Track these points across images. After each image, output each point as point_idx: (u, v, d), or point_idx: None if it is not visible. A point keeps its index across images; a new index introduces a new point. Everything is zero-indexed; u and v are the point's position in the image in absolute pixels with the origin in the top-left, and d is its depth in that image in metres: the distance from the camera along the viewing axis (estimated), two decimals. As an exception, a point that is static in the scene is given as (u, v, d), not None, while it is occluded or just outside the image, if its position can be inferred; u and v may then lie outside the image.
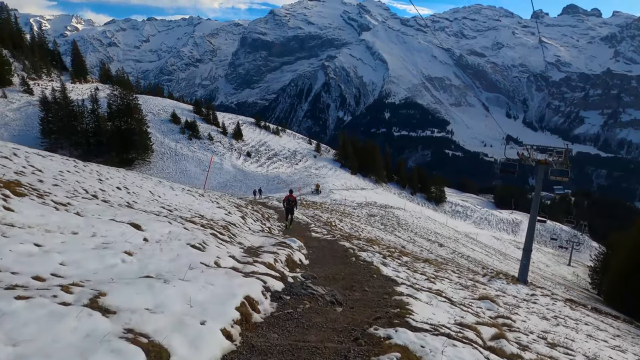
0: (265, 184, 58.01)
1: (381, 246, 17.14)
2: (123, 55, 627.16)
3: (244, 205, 22.86)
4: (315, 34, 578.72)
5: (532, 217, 20.44)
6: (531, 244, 19.61)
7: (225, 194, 30.61)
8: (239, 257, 7.74)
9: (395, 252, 15.75)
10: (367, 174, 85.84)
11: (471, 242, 46.64)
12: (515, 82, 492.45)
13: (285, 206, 17.82)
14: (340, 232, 20.60)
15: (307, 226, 19.62)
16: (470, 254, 33.44)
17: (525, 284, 17.36)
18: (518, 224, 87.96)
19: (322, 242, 14.10)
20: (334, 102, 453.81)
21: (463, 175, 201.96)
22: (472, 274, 15.79)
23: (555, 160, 18.76)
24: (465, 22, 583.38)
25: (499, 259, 38.19)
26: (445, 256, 25.60)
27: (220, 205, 18.01)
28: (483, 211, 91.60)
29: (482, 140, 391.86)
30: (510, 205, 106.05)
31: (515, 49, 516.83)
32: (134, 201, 11.99)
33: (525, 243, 20.05)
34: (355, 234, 22.23)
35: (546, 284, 26.11)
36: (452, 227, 58.71)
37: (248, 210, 20.25)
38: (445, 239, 39.67)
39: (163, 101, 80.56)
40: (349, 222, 28.87)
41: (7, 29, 72.42)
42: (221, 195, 28.12)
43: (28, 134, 51.61)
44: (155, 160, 57.63)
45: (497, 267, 29.62)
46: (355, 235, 20.28)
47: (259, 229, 15.62)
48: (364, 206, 50.98)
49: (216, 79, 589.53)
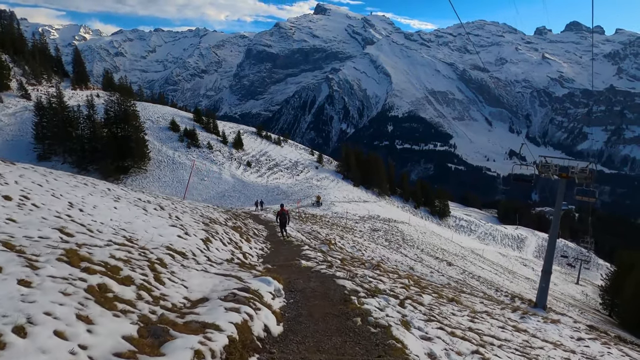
0: (264, 195, 56.68)
1: (391, 276, 13.13)
2: (129, 65, 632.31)
3: (222, 221, 17.95)
4: (320, 46, 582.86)
5: (552, 236, 18.75)
6: (551, 265, 18.07)
7: (208, 205, 27.17)
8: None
9: (410, 285, 11.99)
10: (370, 187, 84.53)
11: (478, 259, 45.16)
12: (519, 97, 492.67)
13: (279, 221, 17.80)
14: (341, 253, 17.62)
15: (299, 248, 15.35)
16: (480, 273, 31.98)
17: (544, 309, 16.02)
18: (523, 239, 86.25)
19: (314, 278, 9.81)
20: (337, 114, 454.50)
21: (466, 189, 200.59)
22: (496, 304, 14.07)
23: (579, 175, 17.43)
24: (468, 37, 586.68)
25: (508, 278, 36.74)
26: (456, 277, 24.18)
27: (180, 224, 12.72)
28: (487, 226, 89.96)
29: (485, 155, 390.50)
30: (514, 220, 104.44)
31: (519, 64, 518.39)
32: (12, 220, 7.55)
33: (544, 264, 18.37)
34: (358, 255, 20.26)
35: (558, 306, 24.68)
36: (457, 243, 57.19)
37: (222, 229, 15.00)
38: (452, 256, 38.22)
39: (162, 108, 79.76)
40: (350, 239, 27.18)
41: (9, 34, 72.47)
42: (204, 207, 23.00)
43: (22, 139, 50.78)
44: (152, 168, 56.42)
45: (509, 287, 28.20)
46: (358, 258, 16.76)
47: (227, 257, 11.17)
48: (367, 220, 49.56)
49: (221, 90, 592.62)
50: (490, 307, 11.79)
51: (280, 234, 18.75)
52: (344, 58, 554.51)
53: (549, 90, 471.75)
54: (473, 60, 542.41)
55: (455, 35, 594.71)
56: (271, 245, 16.44)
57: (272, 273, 9.20)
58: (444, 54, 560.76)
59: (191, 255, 9.46)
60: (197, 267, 8.59)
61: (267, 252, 14.22)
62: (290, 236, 18.92)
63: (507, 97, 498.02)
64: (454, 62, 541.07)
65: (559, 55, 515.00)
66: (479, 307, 11.61)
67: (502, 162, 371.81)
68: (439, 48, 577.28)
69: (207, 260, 9.68)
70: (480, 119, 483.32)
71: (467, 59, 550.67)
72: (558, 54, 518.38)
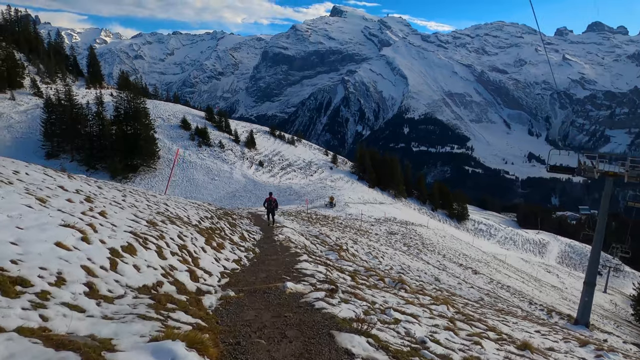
0: (276, 195, 54.93)
1: (422, 300, 9.04)
2: (148, 68, 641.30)
3: (194, 220, 13.33)
4: (336, 48, 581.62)
5: (596, 243, 15.99)
6: (595, 276, 15.60)
7: (196, 202, 21.32)
8: None
9: (454, 318, 7.65)
10: (386, 188, 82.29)
11: (502, 266, 42.65)
12: (538, 99, 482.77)
13: (266, 207, 19.23)
14: (353, 262, 14.16)
15: (295, 257, 11.09)
16: (507, 282, 29.62)
17: (587, 327, 13.89)
18: (545, 244, 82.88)
19: (294, 326, 5.19)
20: (353, 116, 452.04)
21: (483, 192, 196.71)
22: (552, 332, 11.22)
23: (631, 173, 15.10)
24: (487, 38, 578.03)
25: (535, 287, 34.28)
26: (485, 288, 21.98)
27: (89, 223, 7.03)
28: (507, 230, 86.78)
29: (503, 158, 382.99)
30: (533, 224, 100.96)
31: (538, 66, 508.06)
32: None
33: (587, 275, 15.89)
34: (374, 264, 17.65)
35: (593, 318, 22.30)
36: (477, 248, 54.63)
37: (177, 232, 9.70)
38: (475, 262, 35.83)
39: (174, 107, 78.95)
40: (365, 244, 24.56)
41: (25, 34, 73.00)
42: (179, 203, 16.73)
43: (31, 136, 50.23)
44: (162, 167, 55.33)
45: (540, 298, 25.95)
46: (374, 270, 12.59)
47: (150, 281, 6.33)
48: (383, 222, 47.42)
49: (237, 92, 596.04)
50: (550, 338, 9.33)
51: (267, 220, 20.00)
52: (360, 60, 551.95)
53: (569, 92, 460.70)
54: (491, 62, 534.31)
55: (472, 37, 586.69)
56: (258, 252, 12.28)
57: (201, 332, 4.14)
58: (461, 56, 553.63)
59: (50, 282, 4.60)
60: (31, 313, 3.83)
61: (244, 265, 9.99)
62: (289, 239, 15.71)
63: (526, 99, 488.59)
64: (471, 64, 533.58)
65: (580, 56, 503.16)
66: (538, 340, 8.94)
67: (521, 165, 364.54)
68: (456, 49, 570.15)
69: (88, 292, 4.81)
70: (499, 121, 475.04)
71: (485, 60, 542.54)
72: (579, 55, 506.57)
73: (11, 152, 44.67)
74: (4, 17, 75.15)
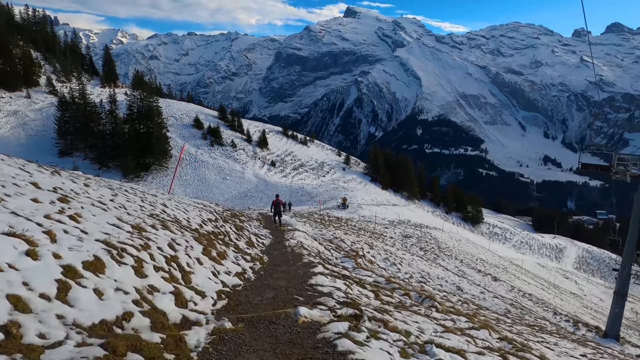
0: (288, 196, 54.48)
1: (461, 324, 7.80)
2: (163, 68, 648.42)
3: (194, 224, 11.40)
4: (349, 49, 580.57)
5: (628, 250, 14.90)
6: (627, 286, 14.54)
7: (202, 203, 19.18)
8: None
9: (506, 351, 6.42)
10: (399, 190, 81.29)
11: (520, 272, 41.46)
12: (555, 101, 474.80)
13: (273, 210, 19.72)
14: (371, 271, 12.60)
15: (309, 268, 9.65)
16: (528, 289, 28.56)
17: (617, 340, 13.01)
18: (562, 249, 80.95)
19: None
20: (366, 117, 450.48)
21: (497, 195, 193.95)
22: (599, 354, 10.83)
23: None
24: (502, 39, 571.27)
25: (555, 294, 33.14)
26: (507, 297, 21.01)
27: (46, 229, 5.47)
28: (523, 234, 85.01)
29: (518, 160, 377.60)
30: (549, 228, 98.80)
31: (555, 67, 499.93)
32: None
33: (618, 284, 14.80)
34: (393, 273, 16.63)
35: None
36: (493, 252, 53.41)
37: (169, 240, 8.16)
38: (493, 267, 34.73)
39: (187, 106, 79.08)
40: (381, 248, 23.46)
41: (42, 33, 73.94)
42: (183, 204, 14.78)
43: (45, 134, 50.52)
44: (174, 166, 55.26)
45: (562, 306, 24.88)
46: (397, 283, 10.93)
47: (109, 316, 4.45)
48: (397, 225, 46.54)
49: (250, 92, 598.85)
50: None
51: (274, 223, 19.95)
52: (374, 61, 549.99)
53: (587, 94, 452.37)
54: (506, 63, 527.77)
55: (488, 38, 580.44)
56: (267, 262, 10.69)
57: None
58: (476, 57, 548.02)
59: None
60: None
61: (248, 279, 8.45)
62: (302, 244, 14.54)
63: (542, 101, 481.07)
64: (486, 65, 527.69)
65: (598, 58, 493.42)
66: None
67: (536, 168, 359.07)
68: (471, 51, 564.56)
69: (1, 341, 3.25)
70: (514, 123, 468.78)
71: (500, 61, 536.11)
72: (598, 56, 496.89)
73: (25, 150, 44.95)
74: (22, 16, 76.18)
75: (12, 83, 57.61)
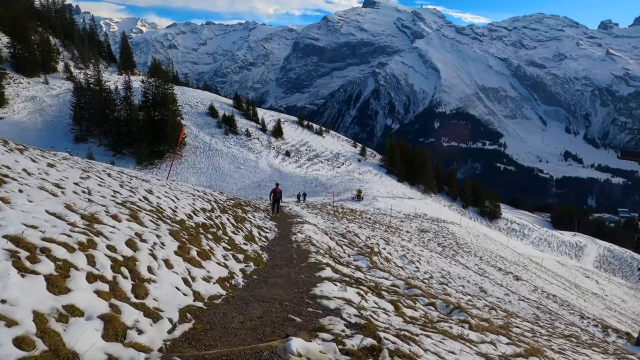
0: (302, 186, 53.83)
1: (493, 347, 6.19)
2: (182, 57, 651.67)
3: (183, 215, 9.88)
4: (368, 40, 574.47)
5: None
6: None
7: (204, 190, 18.16)
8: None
9: None
10: (415, 183, 79.93)
11: (540, 270, 40.12)
12: (578, 95, 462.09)
13: (272, 198, 20.00)
14: (388, 272, 11.13)
15: (314, 270, 8.17)
16: (550, 290, 27.34)
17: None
18: (582, 247, 78.71)
19: None
20: (383, 109, 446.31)
21: (514, 190, 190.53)
22: None
23: None
24: (525, 31, 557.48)
25: (578, 294, 31.82)
26: (532, 298, 19.99)
27: None
28: (542, 231, 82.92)
29: (538, 156, 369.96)
30: (569, 226, 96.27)
31: (579, 60, 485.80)
32: None
33: None
34: (412, 271, 15.47)
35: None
36: (512, 249, 52.00)
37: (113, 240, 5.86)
38: (513, 265, 33.48)
39: (202, 94, 78.84)
40: (398, 244, 22.21)
41: (61, 19, 74.39)
42: (166, 192, 11.75)
43: (61, 120, 50.79)
44: (187, 154, 55.07)
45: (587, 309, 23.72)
46: (418, 288, 9.13)
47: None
48: (413, 218, 45.47)
49: (267, 83, 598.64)
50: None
51: (272, 211, 20.17)
52: (392, 52, 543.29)
53: (612, 88, 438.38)
54: (529, 56, 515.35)
55: (510, 29, 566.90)
56: (265, 261, 9.27)
57: None
58: (497, 49, 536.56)
59: None
60: None
61: (235, 286, 6.76)
62: (311, 239, 13.09)
63: (564, 95, 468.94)
64: (507, 58, 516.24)
65: (625, 51, 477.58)
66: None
67: (556, 164, 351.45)
68: (492, 42, 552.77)
69: None
70: (534, 117, 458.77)
71: (522, 54, 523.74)
72: (625, 49, 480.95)
73: (41, 135, 45.20)
74: (41, 3, 76.69)
75: (31, 69, 58.16)
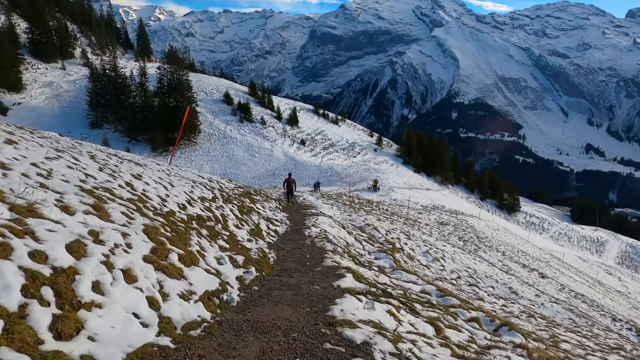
0: (317, 175, 53.17)
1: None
2: (199, 45, 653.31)
3: (184, 201, 8.60)
4: (385, 29, 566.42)
5: None
6: None
7: (209, 177, 16.01)
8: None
9: None
10: (432, 174, 78.46)
11: (563, 266, 38.84)
12: (602, 86, 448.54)
13: (286, 188, 20.27)
14: (417, 277, 9.37)
15: (331, 280, 6.50)
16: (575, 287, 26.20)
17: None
18: (603, 243, 76.55)
19: None
20: (400, 99, 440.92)
21: (533, 183, 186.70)
22: None
23: None
24: (548, 20, 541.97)
25: (603, 293, 30.62)
26: (560, 298, 18.96)
27: None
28: (562, 225, 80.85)
29: (558, 148, 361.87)
30: (589, 220, 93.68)
31: (605, 50, 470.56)
32: None
33: None
34: (437, 270, 14.47)
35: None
36: (532, 243, 50.61)
37: None
38: (536, 261, 32.29)
39: (218, 81, 78.39)
40: (419, 238, 21.11)
41: (79, 5, 74.55)
42: (159, 177, 9.65)
43: (78, 106, 50.93)
44: (202, 141, 54.75)
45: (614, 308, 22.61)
46: (454, 297, 8.08)
47: None
48: (431, 210, 44.39)
49: (283, 71, 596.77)
50: None
51: (286, 201, 20.32)
52: (410, 41, 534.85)
53: (638, 79, 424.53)
54: (551, 45, 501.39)
55: (532, 18, 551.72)
56: (272, 264, 7.69)
57: None
58: (518, 38, 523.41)
59: None
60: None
61: (227, 303, 5.09)
62: (326, 232, 12.01)
63: (587, 86, 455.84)
64: (529, 47, 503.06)
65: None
66: None
67: (577, 157, 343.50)
68: (513, 31, 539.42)
69: None
70: (555, 109, 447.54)
71: (545, 43, 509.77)
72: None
73: (58, 121, 45.33)
74: (59, -12, 76.94)
75: (48, 54, 58.38)
